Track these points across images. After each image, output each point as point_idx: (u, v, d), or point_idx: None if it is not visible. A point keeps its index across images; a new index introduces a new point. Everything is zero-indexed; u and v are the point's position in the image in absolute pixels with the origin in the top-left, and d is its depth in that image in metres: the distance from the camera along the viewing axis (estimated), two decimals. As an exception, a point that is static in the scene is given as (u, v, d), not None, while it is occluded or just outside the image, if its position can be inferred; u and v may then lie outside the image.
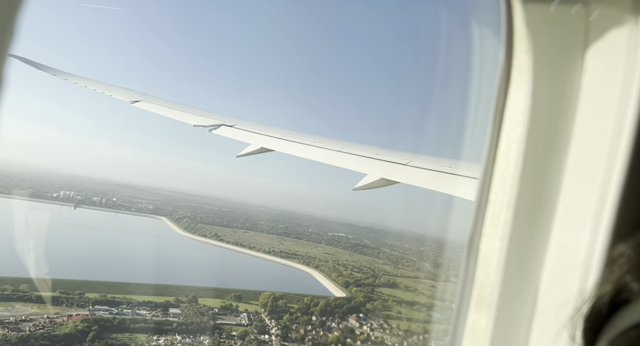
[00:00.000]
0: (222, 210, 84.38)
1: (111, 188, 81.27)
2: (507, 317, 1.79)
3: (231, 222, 74.94)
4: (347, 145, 8.28)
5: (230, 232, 69.72)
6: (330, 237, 78.19)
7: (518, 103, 1.78)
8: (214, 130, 9.20)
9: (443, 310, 35.54)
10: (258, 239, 69.19)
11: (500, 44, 1.81)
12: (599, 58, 1.64)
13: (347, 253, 70.53)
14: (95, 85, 11.64)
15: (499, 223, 1.81)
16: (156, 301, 39.57)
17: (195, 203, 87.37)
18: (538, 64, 1.71)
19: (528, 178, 1.76)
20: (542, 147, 1.74)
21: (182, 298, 41.08)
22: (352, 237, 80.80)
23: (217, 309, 40.91)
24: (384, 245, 78.65)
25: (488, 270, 1.84)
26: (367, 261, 67.51)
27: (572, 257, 1.63)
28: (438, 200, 6.79)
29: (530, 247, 1.76)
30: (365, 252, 72.81)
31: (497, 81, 1.85)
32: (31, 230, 36.62)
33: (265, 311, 42.00)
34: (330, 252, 68.63)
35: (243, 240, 66.96)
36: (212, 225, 71.11)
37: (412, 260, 70.52)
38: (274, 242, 68.92)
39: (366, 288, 52.61)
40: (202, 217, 74.34)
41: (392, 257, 71.56)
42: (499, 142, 1.85)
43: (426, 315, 47.06)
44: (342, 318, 42.46)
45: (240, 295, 44.02)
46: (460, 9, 2.54)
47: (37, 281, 35.24)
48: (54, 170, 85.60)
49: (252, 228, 74.56)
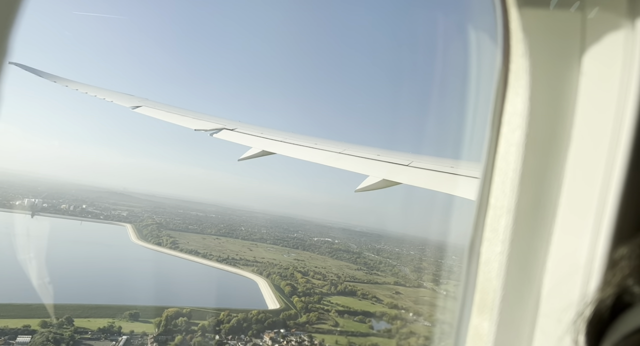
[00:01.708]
0: (209, 216, 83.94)
1: (98, 195, 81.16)
2: (509, 321, 1.78)
3: (207, 229, 73.76)
4: (348, 147, 8.27)
5: (199, 239, 68.18)
6: (314, 242, 77.10)
7: (516, 107, 1.78)
8: (215, 134, 9.20)
9: (392, 320, 34.76)
10: (226, 246, 67.66)
11: (497, 48, 1.81)
12: (597, 61, 1.64)
13: (321, 259, 69.31)
14: (96, 91, 11.66)
15: (499, 227, 1.81)
16: (10, 327, 31.39)
17: (183, 209, 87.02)
18: (535, 67, 1.71)
19: (528, 181, 1.76)
20: (541, 150, 1.74)
21: (52, 320, 33.35)
22: (338, 241, 79.82)
23: (92, 332, 33.64)
24: (371, 249, 77.99)
25: (489, 274, 1.84)
26: (340, 266, 66.10)
27: (573, 260, 1.63)
28: (436, 203, 6.79)
29: (531, 250, 1.76)
30: (343, 257, 71.64)
31: (495, 85, 1.86)
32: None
33: (157, 331, 36.27)
34: (302, 258, 67.18)
35: (206, 247, 65.07)
36: (184, 231, 69.93)
37: (391, 265, 69.49)
38: (242, 249, 67.15)
39: (312, 298, 50.90)
40: (177, 223, 73.19)
41: (371, 261, 70.33)
42: (497, 145, 1.85)
43: (367, 326, 46.02)
44: (256, 335, 39.04)
45: (137, 313, 37.72)
46: (457, 14, 2.54)
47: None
48: (38, 177, 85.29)
49: (228, 235, 73.22)
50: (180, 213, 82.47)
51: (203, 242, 67.85)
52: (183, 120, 9.94)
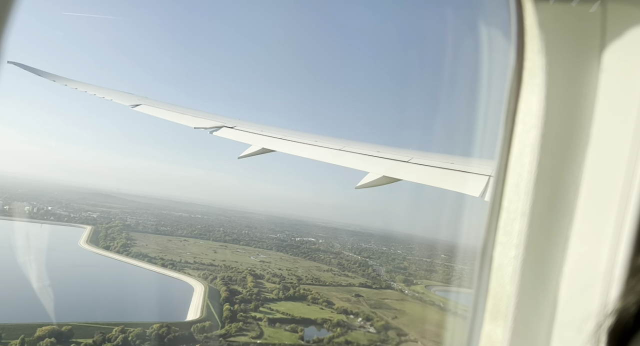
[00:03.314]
0: (193, 217, 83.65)
1: (82, 196, 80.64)
2: (524, 329, 1.72)
3: (180, 230, 72.71)
4: (348, 144, 8.21)
5: (164, 241, 66.66)
6: (294, 243, 75.78)
7: (531, 106, 1.71)
8: (214, 132, 9.13)
9: (332, 327, 33.66)
10: (189, 248, 65.88)
11: (511, 45, 1.74)
12: (618, 57, 1.56)
13: (293, 260, 67.82)
14: (95, 90, 11.59)
15: (513, 230, 1.75)
16: None
17: (168, 210, 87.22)
18: (552, 65, 1.64)
19: (543, 184, 1.69)
20: (558, 151, 1.68)
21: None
22: (323, 241, 79.25)
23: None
24: (355, 249, 77.06)
25: (503, 280, 1.78)
26: (308, 268, 64.67)
27: (592, 266, 1.57)
28: (434, 200, 6.76)
29: (547, 256, 1.70)
30: (319, 257, 70.25)
31: (508, 83, 1.79)
32: None
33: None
34: (270, 260, 65.86)
35: (164, 251, 62.33)
36: (151, 233, 68.61)
37: (367, 265, 68.11)
38: (206, 251, 65.18)
39: (249, 305, 47.47)
40: (149, 225, 71.87)
41: (347, 262, 68.97)
42: (511, 146, 1.78)
43: (298, 336, 43.04)
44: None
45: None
46: (469, 10, 2.47)
47: None
48: (29, 179, 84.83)
49: (200, 236, 71.70)
50: (162, 214, 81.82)
51: (166, 244, 65.97)
52: (183, 118, 9.88)
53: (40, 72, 12.45)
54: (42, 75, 12.46)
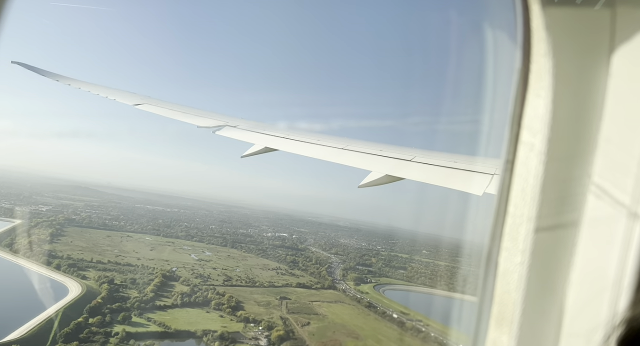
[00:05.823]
0: (165, 211, 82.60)
1: (54, 189, 78.13)
2: (530, 337, 1.69)
3: (135, 225, 69.69)
4: (351, 143, 8.18)
5: (100, 238, 61.13)
6: (259, 239, 73.15)
7: (537, 109, 1.67)
8: (218, 131, 9.12)
9: (212, 341, 33.33)
10: (123, 245, 60.10)
11: (517, 48, 1.70)
12: (627, 61, 1.52)
13: (242, 257, 63.67)
14: (99, 89, 11.60)
15: (519, 236, 1.72)
16: None
17: (142, 204, 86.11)
18: (559, 67, 1.60)
19: (550, 189, 1.66)
20: (565, 156, 1.64)
21: None
22: (296, 236, 77.45)
23: None
24: (327, 244, 74.42)
25: (508, 286, 1.74)
26: (251, 266, 60.00)
27: (600, 274, 1.53)
28: (432, 197, 6.73)
29: (553, 262, 1.67)
30: (276, 254, 66.40)
31: (514, 86, 1.75)
32: None
33: None
34: (213, 258, 60.91)
35: (85, 248, 55.88)
36: (92, 228, 64.57)
37: (328, 263, 64.93)
38: (140, 249, 59.56)
39: (118, 316, 40.38)
40: (99, 219, 68.59)
41: (307, 259, 65.77)
42: (516, 150, 1.75)
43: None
44: None
45: None
46: (475, 12, 2.44)
47: None
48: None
49: (153, 232, 68.13)
50: (130, 208, 79.74)
51: (99, 240, 60.59)
52: (186, 117, 9.87)
53: (43, 72, 12.48)
54: (45, 74, 12.48)
